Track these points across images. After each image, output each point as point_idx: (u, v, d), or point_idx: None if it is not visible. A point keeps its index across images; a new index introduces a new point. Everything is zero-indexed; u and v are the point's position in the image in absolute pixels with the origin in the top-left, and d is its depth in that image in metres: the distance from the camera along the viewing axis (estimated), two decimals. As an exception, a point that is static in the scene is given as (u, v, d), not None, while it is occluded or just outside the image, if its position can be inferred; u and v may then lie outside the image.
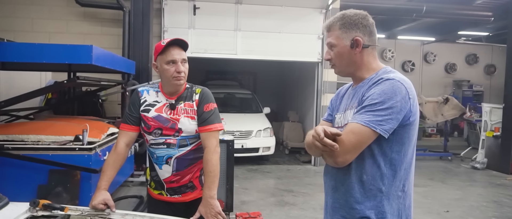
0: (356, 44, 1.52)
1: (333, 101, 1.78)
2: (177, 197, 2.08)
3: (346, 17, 1.55)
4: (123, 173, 5.46)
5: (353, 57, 1.55)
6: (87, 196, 4.12)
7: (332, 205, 1.59)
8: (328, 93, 8.04)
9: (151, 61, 6.93)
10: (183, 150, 2.01)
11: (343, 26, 1.54)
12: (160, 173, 2.05)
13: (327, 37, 1.62)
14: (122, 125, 2.10)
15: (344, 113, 1.60)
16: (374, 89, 1.45)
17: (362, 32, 1.53)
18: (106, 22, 7.40)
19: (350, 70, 1.60)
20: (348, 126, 1.43)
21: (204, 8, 7.40)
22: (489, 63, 14.49)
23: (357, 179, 1.48)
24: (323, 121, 1.78)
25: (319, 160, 8.12)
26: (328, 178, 1.63)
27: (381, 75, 1.50)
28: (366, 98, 1.44)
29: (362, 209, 1.47)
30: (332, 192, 1.58)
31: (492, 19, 9.22)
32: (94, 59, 4.03)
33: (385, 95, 1.40)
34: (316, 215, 4.94)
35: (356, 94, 1.56)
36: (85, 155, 4.07)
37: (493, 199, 5.88)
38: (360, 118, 1.40)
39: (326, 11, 7.81)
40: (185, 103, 2.04)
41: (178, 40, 2.00)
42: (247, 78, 13.47)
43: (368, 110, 1.41)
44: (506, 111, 8.02)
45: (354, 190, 1.48)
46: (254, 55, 7.79)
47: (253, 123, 8.23)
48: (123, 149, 2.06)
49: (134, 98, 2.10)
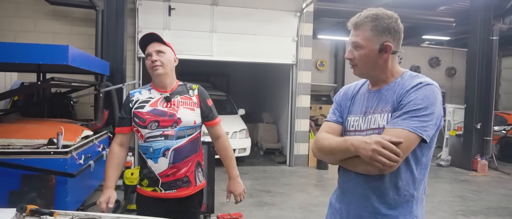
0: (385, 49, 1.48)
1: (342, 102, 1.68)
2: (172, 193, 2.08)
3: (379, 19, 1.47)
4: (97, 177, 5.30)
5: (378, 61, 1.50)
6: (63, 201, 3.98)
7: (360, 213, 1.51)
8: (302, 94, 8.20)
9: (126, 62, 6.82)
10: (181, 142, 2.05)
11: (375, 28, 1.47)
12: (155, 168, 2.05)
13: (352, 35, 1.52)
14: (116, 129, 2.17)
15: (365, 116, 1.55)
16: (414, 94, 1.41)
17: (392, 37, 1.48)
18: (77, 21, 7.16)
19: (373, 73, 1.55)
20: (393, 132, 1.37)
21: (180, 9, 7.33)
22: (450, 66, 15.29)
23: (392, 185, 1.45)
24: (332, 124, 1.66)
25: (294, 161, 8.26)
26: (353, 186, 1.55)
27: (411, 79, 1.49)
28: (407, 103, 1.40)
29: (396, 215, 1.46)
30: (361, 200, 1.51)
31: (454, 25, 9.77)
32: (70, 59, 3.91)
33: (428, 101, 1.39)
34: (295, 214, 5.03)
35: (383, 98, 1.51)
36: (60, 159, 3.92)
37: (458, 194, 6.24)
38: (405, 124, 1.37)
39: (300, 14, 7.96)
40: (181, 96, 2.13)
41: (148, 35, 2.12)
42: (220, 80, 13.43)
43: (413, 115, 1.38)
44: (467, 111, 8.52)
45: (388, 197, 1.46)
46: (229, 56, 7.81)
47: (229, 124, 8.23)
48: (116, 149, 2.14)
49: (125, 101, 2.16)
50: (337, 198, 1.68)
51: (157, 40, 2.11)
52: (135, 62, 7.25)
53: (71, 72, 5.83)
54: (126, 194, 4.85)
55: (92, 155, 4.74)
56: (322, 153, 1.56)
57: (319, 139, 1.59)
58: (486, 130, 8.25)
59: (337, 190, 1.70)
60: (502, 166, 8.61)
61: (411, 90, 1.43)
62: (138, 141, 2.13)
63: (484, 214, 5.22)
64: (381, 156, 1.31)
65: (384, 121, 1.46)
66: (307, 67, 8.29)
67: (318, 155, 1.60)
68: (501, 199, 6.05)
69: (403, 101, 1.42)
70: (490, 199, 5.99)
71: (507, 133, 9.47)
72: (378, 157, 1.31)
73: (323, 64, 14.42)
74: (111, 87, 6.00)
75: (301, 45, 8.05)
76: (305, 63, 8.18)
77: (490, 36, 8.16)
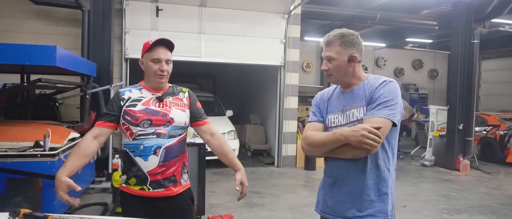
0: (353, 59, 1.86)
1: (320, 104, 2.02)
2: (160, 191, 2.07)
3: (345, 36, 1.85)
4: (84, 180, 5.21)
5: (348, 69, 1.87)
6: (50, 205, 3.91)
7: (353, 193, 1.83)
8: (290, 96, 8.26)
9: (112, 63, 6.73)
10: (172, 141, 2.07)
11: (343, 44, 1.85)
12: (144, 166, 2.03)
13: (325, 51, 1.90)
14: (97, 122, 2.12)
15: (343, 113, 1.88)
16: (382, 89, 1.79)
17: (357, 50, 1.86)
18: (61, 21, 7.02)
19: (345, 79, 1.91)
20: (372, 120, 1.72)
21: (167, 10, 7.29)
22: (433, 68, 15.68)
23: (374, 164, 1.82)
24: (316, 123, 1.98)
25: (282, 162, 8.31)
26: (342, 171, 1.86)
27: (376, 79, 1.87)
28: (378, 96, 1.78)
29: (380, 188, 1.82)
30: (352, 180, 1.82)
31: (437, 28, 10.02)
32: (57, 60, 3.85)
33: (393, 94, 1.78)
34: (285, 215, 5.07)
35: (356, 96, 1.87)
36: (47, 162, 3.86)
37: (443, 193, 6.40)
38: (380, 113, 1.74)
39: (288, 16, 8.02)
40: (172, 97, 2.16)
41: (165, 40, 2.11)
42: (206, 81, 13.39)
43: (384, 106, 1.75)
44: (450, 112, 8.74)
45: (372, 174, 1.82)
46: (218, 58, 7.80)
47: (217, 126, 8.01)
48: (89, 139, 2.05)
49: (114, 98, 2.14)
50: (327, 185, 1.96)
51: (170, 49, 2.12)
52: (122, 63, 7.16)
53: (56, 73, 5.73)
54: (115, 197, 4.78)
55: (80, 157, 4.66)
56: (313, 147, 1.88)
57: (308, 136, 1.91)
58: (468, 131, 8.49)
59: (326, 179, 1.98)
60: (483, 165, 8.87)
61: (379, 87, 1.81)
62: (125, 140, 2.10)
63: (468, 212, 5.37)
64: (368, 139, 1.64)
65: (361, 114, 1.81)
66: (295, 68, 8.36)
67: (308, 150, 1.92)
68: (483, 197, 6.24)
69: (375, 96, 1.79)
70: (473, 198, 6.17)
71: (487, 134, 9.76)
72: (366, 140, 1.64)
73: (309, 66, 14.56)
74: (98, 88, 5.92)
75: (289, 46, 8.12)
76: (293, 64, 8.24)
77: (471, 39, 8.41)
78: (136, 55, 7.20)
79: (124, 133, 2.09)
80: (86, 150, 2.02)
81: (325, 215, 1.96)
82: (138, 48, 8.21)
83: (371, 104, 1.79)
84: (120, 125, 2.10)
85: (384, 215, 1.83)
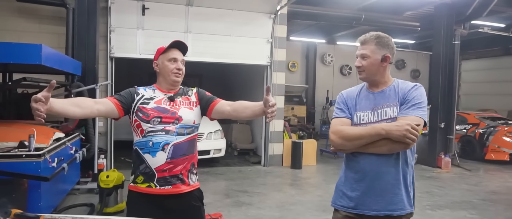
0: (386, 59, 2.00)
1: (348, 101, 2.11)
2: (167, 189, 2.08)
3: (380, 37, 2.01)
4: (68, 181, 5.14)
5: (379, 69, 2.01)
6: (36, 206, 3.85)
7: (385, 187, 1.95)
8: (277, 95, 8.31)
9: (97, 62, 6.64)
10: (181, 138, 2.10)
11: (378, 44, 2.00)
12: (152, 162, 2.06)
13: (360, 49, 2.04)
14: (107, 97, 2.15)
15: (372, 111, 2.02)
16: (415, 92, 1.97)
17: (390, 52, 2.01)
18: (45, 19, 6.88)
19: (375, 78, 2.05)
20: (409, 118, 1.88)
21: (154, 8, 7.23)
22: (415, 68, 16.04)
23: (403, 160, 1.97)
24: (344, 119, 2.08)
25: (268, 161, 8.36)
26: (374, 166, 1.96)
27: (404, 83, 2.05)
28: (412, 98, 1.94)
29: (407, 183, 1.98)
30: (384, 175, 1.95)
31: (419, 29, 10.26)
32: (43, 59, 3.79)
33: (423, 97, 1.97)
34: (273, 213, 5.11)
35: (387, 97, 2.02)
36: (33, 162, 3.79)
37: (425, 190, 6.57)
38: (415, 113, 1.91)
39: (274, 16, 8.07)
40: (182, 97, 2.22)
41: (179, 43, 2.22)
42: (192, 81, 13.31)
43: (418, 107, 1.92)
44: (431, 111, 8.97)
45: (402, 169, 1.96)
46: (205, 57, 7.78)
47: (203, 125, 8.09)
48: (86, 98, 2.10)
49: (130, 89, 2.19)
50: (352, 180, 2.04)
51: (183, 52, 2.23)
52: (107, 62, 7.06)
53: (40, 72, 5.61)
54: (102, 197, 4.74)
55: (65, 157, 4.60)
56: (347, 140, 1.97)
57: (342, 130, 2.00)
58: (449, 129, 8.73)
59: (352, 174, 2.04)
60: (464, 162, 9.13)
61: (412, 90, 1.98)
62: (135, 139, 2.13)
63: (450, 208, 5.53)
64: (411, 134, 1.80)
65: (394, 113, 1.96)
66: (281, 68, 8.42)
67: (340, 144, 2.00)
68: (464, 193, 6.44)
69: (408, 97, 1.96)
70: (454, 194, 6.36)
71: (467, 132, 10.05)
72: (410, 135, 1.80)
73: (295, 65, 14.68)
74: (84, 87, 5.83)
75: (276, 46, 8.17)
76: (279, 64, 8.30)
77: (452, 40, 8.65)
78: (122, 54, 7.17)
79: (135, 131, 2.13)
80: (80, 101, 1.94)
81: (347, 210, 2.05)
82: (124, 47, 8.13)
83: (404, 104, 1.94)
84: (132, 122, 2.14)
85: (411, 208, 2.00)
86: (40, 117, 1.60)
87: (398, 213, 1.96)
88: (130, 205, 2.17)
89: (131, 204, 2.16)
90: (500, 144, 9.26)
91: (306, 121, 13.50)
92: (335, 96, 13.12)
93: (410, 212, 2.01)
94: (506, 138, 9.21)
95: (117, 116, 2.10)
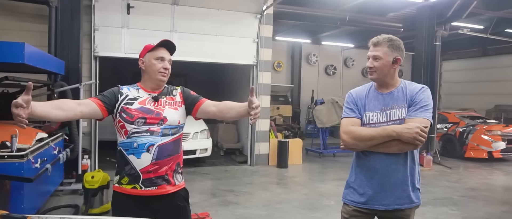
0: (397, 62, 2.10)
1: (357, 101, 2.20)
2: (152, 189, 2.07)
3: (393, 40, 2.10)
4: (52, 182, 5.04)
5: (390, 70, 2.11)
6: (18, 208, 3.77)
7: (394, 183, 2.07)
8: (263, 95, 8.35)
9: (81, 61, 6.53)
10: (166, 139, 2.08)
11: (391, 46, 2.09)
12: (137, 163, 2.04)
13: (372, 51, 2.12)
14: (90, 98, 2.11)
15: (381, 111, 2.12)
16: (422, 94, 2.07)
17: (400, 54, 2.11)
18: (26, 17, 6.72)
19: (385, 79, 2.13)
20: (417, 120, 1.99)
21: (139, 7, 7.15)
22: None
23: (411, 158, 2.10)
24: (355, 119, 2.17)
25: (255, 160, 8.39)
26: (384, 164, 2.08)
27: (411, 84, 2.15)
28: (419, 100, 2.05)
29: (414, 179, 2.11)
30: (394, 173, 2.07)
31: (402, 30, 10.47)
32: (26, 58, 3.72)
33: (429, 99, 2.08)
34: (260, 212, 5.14)
35: (396, 98, 2.11)
36: (15, 163, 3.72)
37: (408, 187, 6.72)
38: (423, 115, 2.02)
39: (260, 16, 8.11)
40: (167, 97, 2.18)
41: (168, 43, 2.18)
42: (177, 80, 13.22)
43: (425, 109, 2.04)
44: (414, 110, 9.15)
45: (410, 167, 2.09)
46: (191, 57, 7.74)
47: (190, 125, 8.15)
48: (69, 100, 2.00)
49: (113, 89, 2.15)
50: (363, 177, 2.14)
51: (171, 52, 2.20)
52: (91, 61, 6.95)
53: (22, 71, 5.48)
54: (87, 198, 4.67)
55: (48, 158, 4.52)
56: (359, 140, 2.07)
57: (354, 131, 2.10)
58: (431, 128, 8.89)
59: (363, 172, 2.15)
60: (444, 160, 9.37)
61: (419, 92, 2.09)
62: (119, 139, 2.10)
63: (432, 204, 5.68)
64: (421, 137, 1.93)
65: (403, 114, 2.07)
66: (267, 68, 8.46)
67: (353, 144, 2.10)
68: (445, 190, 6.62)
69: (416, 99, 2.07)
70: (436, 191, 6.53)
71: (448, 131, 10.32)
72: (419, 137, 1.93)
73: (280, 65, 14.76)
74: (67, 87, 5.73)
75: (262, 46, 8.20)
76: (265, 64, 8.34)
77: (434, 41, 8.86)
78: (106, 53, 7.07)
79: (119, 131, 2.10)
80: (63, 104, 1.87)
81: (357, 205, 2.16)
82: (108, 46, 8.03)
83: (412, 106, 2.05)
84: (116, 123, 2.10)
85: (418, 201, 2.14)
86: (22, 122, 1.55)
87: (405, 207, 2.10)
88: (116, 206, 2.14)
89: (116, 205, 2.14)
90: (479, 142, 9.54)
91: (291, 121, 13.61)
92: (320, 95, 13.30)
93: (417, 205, 2.15)
94: (484, 136, 9.50)
95: (100, 117, 2.06)
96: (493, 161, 9.50)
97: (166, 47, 2.17)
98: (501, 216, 5.27)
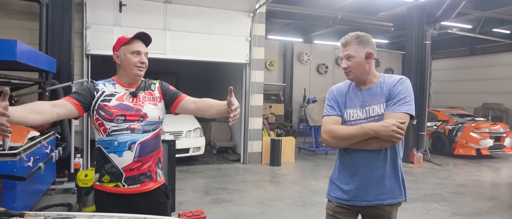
0: (369, 56, 2.06)
1: (338, 99, 2.18)
2: (135, 187, 2.06)
3: (360, 36, 2.06)
4: (44, 181, 5.01)
5: (365, 66, 2.07)
6: (11, 206, 3.72)
7: (376, 179, 2.06)
8: (256, 93, 8.38)
9: (73, 59, 6.47)
10: (147, 136, 2.05)
11: (360, 43, 2.05)
12: (118, 162, 2.01)
13: (343, 51, 2.09)
14: (64, 97, 2.02)
15: (361, 108, 2.09)
16: (400, 86, 2.03)
17: (371, 48, 2.07)
18: (15, 14, 6.63)
19: (363, 76, 2.10)
20: (395, 115, 1.97)
21: (131, 5, 7.12)
22: (388, 67, 16.50)
23: (392, 154, 2.07)
24: (336, 117, 2.14)
25: (247, 158, 8.42)
26: (365, 161, 2.06)
27: (390, 77, 2.10)
28: (397, 93, 2.01)
29: (397, 174, 2.08)
30: (376, 169, 2.05)
31: (393, 29, 10.60)
32: (18, 55, 3.68)
33: (409, 90, 2.04)
34: (253, 210, 5.18)
35: (374, 94, 2.08)
36: (8, 162, 3.69)
37: (399, 184, 6.82)
38: (401, 109, 1.98)
39: (253, 15, 8.13)
40: (145, 92, 2.14)
41: (143, 35, 2.11)
42: (169, 79, 13.18)
43: (404, 102, 1.99)
44: (405, 109, 9.28)
45: (391, 162, 2.07)
46: (183, 55, 7.74)
47: (183, 123, 8.17)
48: (44, 102, 1.93)
49: (89, 85, 2.08)
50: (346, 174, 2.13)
51: (146, 43, 2.13)
52: (83, 59, 6.90)
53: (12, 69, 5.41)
54: (80, 197, 4.65)
55: (41, 157, 4.49)
56: (339, 140, 2.06)
57: (333, 130, 2.08)
58: (421, 126, 9.08)
59: (346, 169, 2.14)
60: (434, 158, 9.53)
61: (397, 84, 2.05)
62: (98, 137, 2.05)
63: (422, 200, 5.79)
64: (397, 134, 1.90)
65: (381, 110, 2.04)
66: (260, 66, 8.49)
67: (333, 143, 2.09)
68: (435, 187, 6.74)
69: (393, 93, 2.03)
70: (426, 188, 6.64)
71: (437, 128, 10.49)
72: (396, 134, 1.90)
73: (272, 64, 14.80)
74: (58, 85, 5.69)
75: (254, 45, 8.23)
76: (258, 62, 8.36)
77: (424, 40, 8.99)
78: (98, 51, 7.01)
79: (97, 129, 2.05)
80: (39, 107, 1.79)
81: (340, 201, 2.15)
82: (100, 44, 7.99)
83: (390, 100, 2.02)
84: (93, 121, 2.05)
85: (401, 197, 2.11)
86: (6, 132, 1.51)
87: (388, 202, 2.08)
88: (99, 204, 2.13)
89: (99, 203, 2.12)
90: (467, 140, 9.72)
91: (283, 119, 13.67)
92: (312, 94, 13.38)
93: (400, 201, 2.12)
94: (473, 134, 9.68)
95: (77, 116, 2.01)
96: (481, 158, 9.70)
97: (142, 39, 2.10)
98: (488, 211, 5.40)
